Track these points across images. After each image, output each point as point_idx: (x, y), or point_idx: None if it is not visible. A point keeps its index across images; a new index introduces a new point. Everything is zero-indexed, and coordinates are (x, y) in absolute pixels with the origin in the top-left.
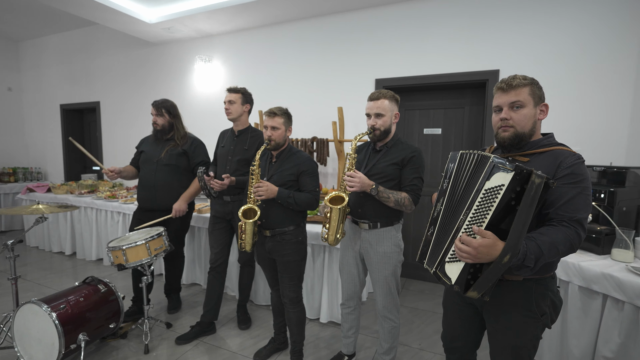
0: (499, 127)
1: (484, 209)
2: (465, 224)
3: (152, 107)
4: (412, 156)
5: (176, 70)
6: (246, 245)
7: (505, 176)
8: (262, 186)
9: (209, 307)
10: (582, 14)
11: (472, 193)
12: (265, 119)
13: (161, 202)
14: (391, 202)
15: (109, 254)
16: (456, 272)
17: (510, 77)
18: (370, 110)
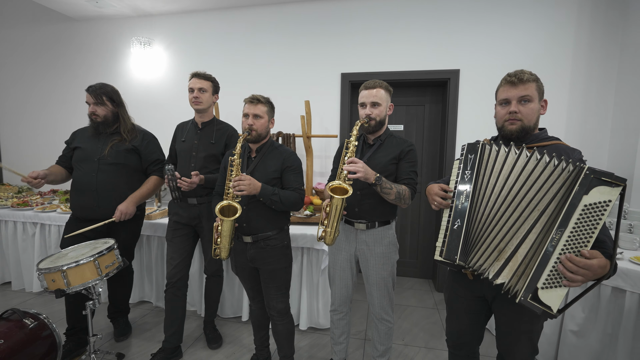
0: (506, 120)
1: (586, 227)
2: (562, 243)
3: (89, 94)
4: (409, 150)
5: (106, 53)
6: (222, 252)
7: (611, 191)
8: (244, 180)
9: (172, 330)
10: (528, 21)
11: (566, 206)
12: (247, 106)
13: (105, 210)
14: (393, 194)
15: (41, 278)
16: (557, 300)
17: (519, 72)
18: (366, 99)
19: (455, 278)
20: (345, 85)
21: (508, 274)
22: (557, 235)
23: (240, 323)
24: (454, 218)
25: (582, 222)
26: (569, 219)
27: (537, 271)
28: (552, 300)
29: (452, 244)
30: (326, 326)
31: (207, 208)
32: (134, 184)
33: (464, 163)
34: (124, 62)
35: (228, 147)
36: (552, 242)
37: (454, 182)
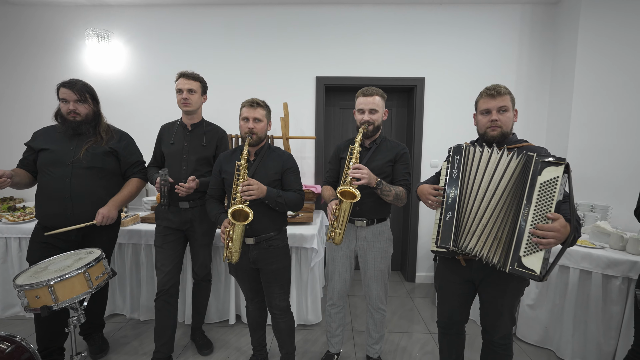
0: (488, 127)
1: (545, 200)
2: (530, 217)
3: (69, 90)
4: (403, 152)
5: (53, 43)
6: (234, 255)
7: (557, 169)
8: (253, 184)
9: (164, 340)
10: (482, 38)
11: (527, 188)
12: (246, 109)
13: (80, 218)
14: (391, 196)
15: (21, 295)
16: (538, 263)
17: (496, 86)
18: (365, 105)
19: (447, 266)
20: (320, 88)
21: (498, 253)
22: (526, 211)
23: (228, 327)
24: (446, 211)
25: (542, 197)
26: (532, 197)
27: (517, 243)
28: (534, 264)
29: (445, 233)
30: (315, 322)
31: (199, 212)
32: (111, 189)
33: (451, 163)
34: (76, 55)
35: (219, 149)
36: (523, 217)
37: (443, 181)
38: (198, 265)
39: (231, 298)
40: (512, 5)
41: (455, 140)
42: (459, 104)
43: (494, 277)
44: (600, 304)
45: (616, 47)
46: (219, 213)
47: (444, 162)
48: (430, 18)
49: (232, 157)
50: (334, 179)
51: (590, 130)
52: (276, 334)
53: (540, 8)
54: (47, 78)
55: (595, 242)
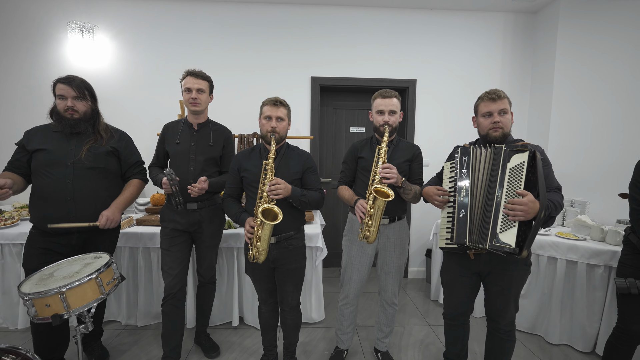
0: (490, 129)
1: (514, 182)
2: (503, 198)
3: (67, 86)
4: (418, 152)
5: (30, 36)
6: (261, 255)
7: (523, 155)
8: (280, 183)
9: (172, 345)
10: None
11: (499, 174)
12: (268, 108)
13: (84, 221)
14: (411, 194)
15: (28, 304)
16: (512, 237)
17: (496, 90)
18: (385, 107)
19: (455, 260)
20: (315, 88)
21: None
22: (499, 193)
23: (231, 329)
24: (459, 209)
25: (512, 179)
26: (504, 180)
27: (494, 221)
28: (509, 238)
29: (461, 230)
30: (318, 319)
31: (207, 212)
32: (113, 190)
33: (460, 163)
34: (57, 49)
35: (225, 149)
36: (497, 199)
37: (448, 181)
38: (205, 267)
39: (234, 300)
40: (496, 13)
41: (445, 139)
42: (448, 105)
43: (500, 268)
44: (584, 291)
45: (592, 55)
46: (240, 212)
47: (446, 162)
48: (422, 22)
49: (251, 155)
50: (350, 179)
51: (568, 131)
52: (283, 327)
53: (521, 16)
54: (22, 72)
55: (578, 235)
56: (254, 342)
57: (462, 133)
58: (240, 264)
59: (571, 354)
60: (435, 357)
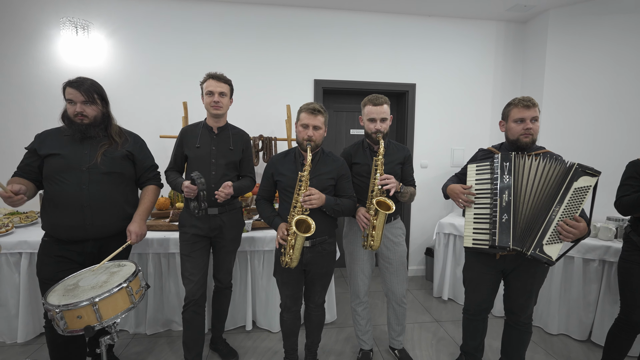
0: (521, 134)
1: (575, 202)
2: (559, 214)
3: (76, 90)
4: (409, 155)
5: (18, 32)
6: (293, 261)
7: (591, 179)
8: (314, 194)
9: (195, 352)
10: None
11: (563, 189)
12: (305, 116)
13: (100, 228)
14: (407, 197)
15: (59, 316)
16: (556, 251)
17: (530, 98)
18: (376, 115)
19: (479, 259)
20: (319, 90)
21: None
22: (557, 208)
23: (245, 333)
24: (501, 213)
25: (573, 199)
26: (565, 197)
27: (543, 233)
28: (552, 251)
29: (504, 234)
30: (330, 320)
31: (228, 217)
32: (128, 196)
33: (501, 169)
34: (47, 46)
35: (245, 153)
36: (553, 213)
37: (475, 182)
38: (223, 272)
39: (248, 304)
40: (489, 21)
41: (443, 142)
42: (445, 108)
43: (524, 266)
44: (580, 284)
45: (578, 64)
46: (273, 216)
47: (470, 164)
48: (421, 28)
49: (286, 160)
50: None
51: (556, 135)
52: (306, 324)
53: (512, 25)
54: (10, 70)
55: None
56: (270, 346)
57: (459, 135)
58: (254, 268)
59: (569, 342)
60: (448, 351)
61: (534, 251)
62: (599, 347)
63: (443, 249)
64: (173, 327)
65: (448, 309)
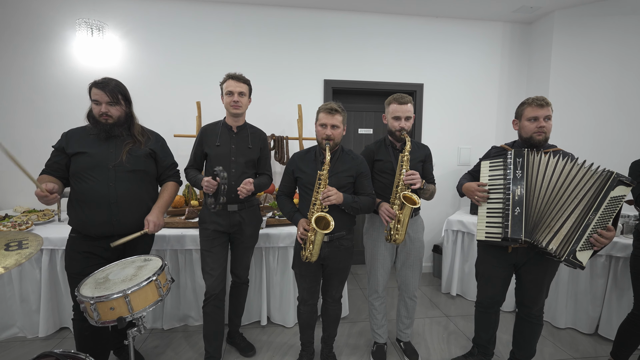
0: (535, 132)
1: (609, 211)
2: (594, 221)
3: (101, 91)
4: (429, 153)
5: (33, 33)
6: (313, 256)
7: (626, 189)
8: (332, 192)
9: (215, 345)
10: (472, 49)
11: (600, 197)
12: (324, 115)
13: (126, 224)
14: (428, 194)
15: (93, 308)
16: (586, 258)
17: (543, 97)
18: (401, 113)
19: (491, 253)
20: (328, 90)
21: (556, 243)
22: (593, 216)
23: (260, 328)
24: (513, 206)
25: (608, 208)
26: (601, 205)
27: (577, 239)
28: (584, 258)
29: (516, 226)
30: (343, 315)
31: (247, 214)
32: (152, 193)
33: (514, 165)
34: (62, 47)
35: (262, 151)
36: (588, 221)
37: (488, 178)
38: (241, 267)
39: (263, 299)
40: (495, 22)
41: (450, 140)
42: (452, 108)
43: (536, 259)
44: (588, 279)
45: (583, 65)
46: (293, 212)
47: (483, 161)
48: (428, 29)
49: (307, 157)
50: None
51: (562, 134)
52: (323, 318)
53: (518, 26)
54: (26, 71)
55: None
56: (285, 341)
57: (465, 134)
58: (269, 264)
59: (576, 336)
60: (460, 344)
61: (568, 257)
62: (605, 340)
63: (451, 246)
64: (189, 322)
65: (457, 305)
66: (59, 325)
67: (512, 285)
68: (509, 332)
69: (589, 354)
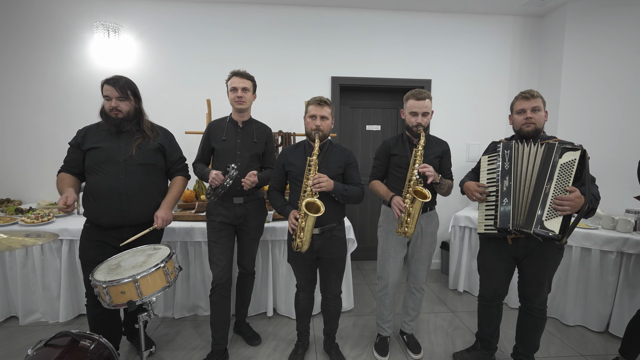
0: (523, 124)
1: (564, 177)
2: (552, 190)
3: (112, 87)
4: (447, 149)
5: (54, 35)
6: (304, 245)
7: (575, 153)
8: (323, 178)
9: (221, 333)
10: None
11: (550, 168)
12: (313, 107)
13: (136, 216)
14: (444, 188)
15: (105, 292)
16: (557, 225)
17: (530, 90)
18: (419, 109)
19: (493, 246)
20: (336, 87)
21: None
22: (548, 186)
23: (266, 319)
24: (502, 197)
25: (562, 175)
26: (554, 174)
27: (540, 209)
28: (553, 225)
29: (505, 217)
30: (348, 308)
31: (252, 206)
32: (160, 186)
33: (502, 157)
34: (81, 49)
35: (267, 146)
36: (545, 191)
37: (486, 172)
38: (247, 259)
39: (269, 291)
40: (505, 16)
41: (458, 136)
42: (460, 103)
43: (537, 252)
44: (598, 276)
45: (597, 58)
46: (284, 205)
47: (483, 156)
48: (436, 25)
49: (296, 151)
50: (382, 174)
51: (575, 129)
52: (324, 314)
53: (529, 20)
54: (48, 73)
55: (590, 224)
56: (290, 331)
57: (474, 130)
58: (275, 257)
59: (586, 333)
60: (463, 339)
61: (535, 228)
62: (616, 338)
63: (459, 242)
64: (199, 312)
65: (464, 301)
66: (77, 311)
67: (516, 280)
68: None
69: (598, 351)
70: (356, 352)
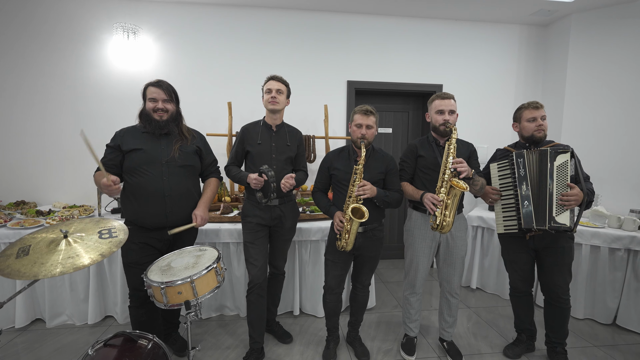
0: (535, 130)
1: (562, 176)
2: (555, 189)
3: (159, 89)
4: (474, 149)
5: (73, 36)
6: (348, 245)
7: (565, 155)
8: (367, 186)
9: (259, 331)
10: (490, 52)
11: (548, 170)
12: (359, 116)
13: (175, 216)
14: (478, 186)
15: (162, 292)
16: (567, 219)
17: (536, 101)
18: (445, 107)
19: (513, 243)
20: (351, 91)
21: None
22: (551, 186)
23: (293, 317)
24: (522, 200)
25: (559, 174)
26: (552, 175)
27: (549, 208)
28: (564, 219)
29: (528, 218)
30: (370, 307)
31: (287, 208)
32: (197, 187)
33: (517, 164)
34: (100, 50)
35: (299, 149)
36: (549, 190)
37: (498, 178)
38: (280, 259)
39: (295, 290)
40: (512, 25)
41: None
42: (469, 108)
43: (552, 242)
44: (606, 272)
45: (600, 65)
46: (329, 205)
47: (492, 163)
48: (447, 31)
49: (340, 156)
50: (410, 176)
51: (578, 134)
52: (352, 303)
53: (535, 29)
54: (67, 74)
55: (596, 223)
56: (317, 329)
57: (482, 134)
58: (302, 257)
59: (595, 326)
60: (483, 334)
61: (550, 224)
62: (623, 330)
63: (471, 241)
64: (225, 312)
65: (477, 297)
66: (104, 313)
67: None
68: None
69: (609, 342)
70: (386, 346)
